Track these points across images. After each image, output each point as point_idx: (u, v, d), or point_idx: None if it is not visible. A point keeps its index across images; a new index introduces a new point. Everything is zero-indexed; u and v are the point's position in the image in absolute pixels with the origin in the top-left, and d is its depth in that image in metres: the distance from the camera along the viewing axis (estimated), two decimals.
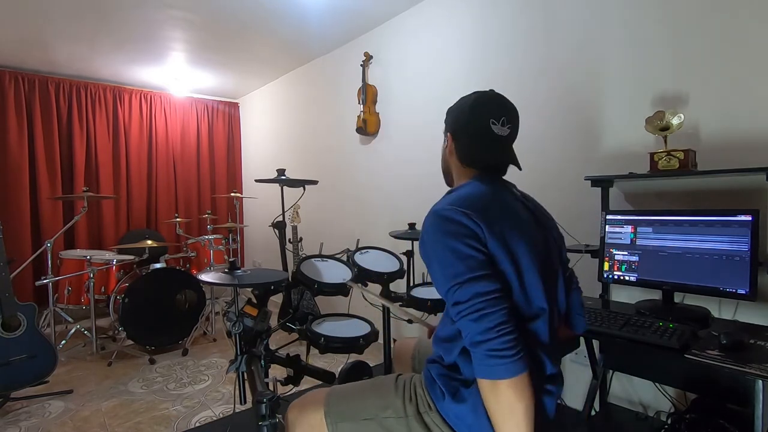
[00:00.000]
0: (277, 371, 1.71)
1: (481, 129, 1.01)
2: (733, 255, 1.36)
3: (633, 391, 1.86)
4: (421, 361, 1.29)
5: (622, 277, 1.62)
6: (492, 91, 1.07)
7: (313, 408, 1.03)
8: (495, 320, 0.81)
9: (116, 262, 3.26)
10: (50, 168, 4.05)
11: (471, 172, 1.05)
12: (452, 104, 1.11)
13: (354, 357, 1.71)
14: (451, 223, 0.89)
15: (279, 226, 2.40)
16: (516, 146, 1.06)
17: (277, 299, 3.52)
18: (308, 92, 4.04)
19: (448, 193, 1.05)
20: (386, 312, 1.83)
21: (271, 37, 3.34)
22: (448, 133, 1.10)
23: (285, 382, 1.64)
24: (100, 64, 3.92)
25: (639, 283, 1.58)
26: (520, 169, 1.04)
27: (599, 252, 1.68)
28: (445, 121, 1.12)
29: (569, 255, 1.76)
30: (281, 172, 2.38)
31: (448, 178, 1.15)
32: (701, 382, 1.57)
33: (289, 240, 3.17)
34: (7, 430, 2.11)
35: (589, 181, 1.78)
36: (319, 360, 2.78)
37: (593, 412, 1.84)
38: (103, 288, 3.20)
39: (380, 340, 1.77)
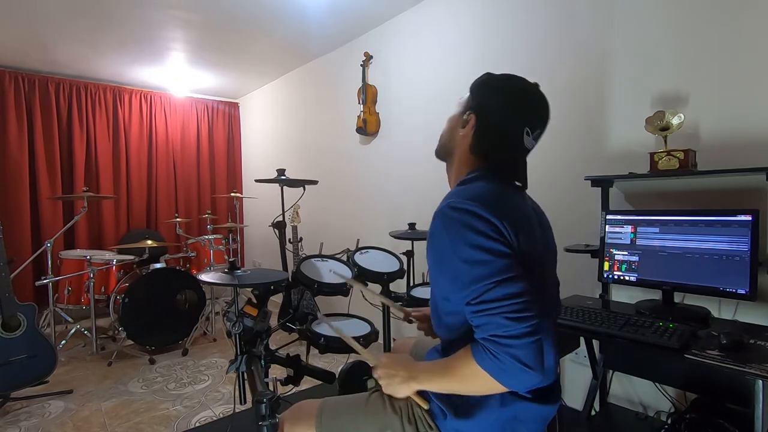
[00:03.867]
0: (277, 371, 1.70)
1: (512, 134, 0.90)
2: (733, 255, 1.36)
3: (633, 391, 1.86)
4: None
5: (622, 277, 1.62)
6: (538, 88, 0.93)
7: (305, 425, 0.98)
8: (531, 325, 0.73)
9: (116, 262, 3.26)
10: (50, 168, 4.05)
11: (477, 163, 0.94)
12: (490, 78, 0.95)
13: (354, 357, 1.71)
14: (477, 218, 0.80)
15: (279, 226, 2.40)
16: None
17: (277, 299, 3.52)
18: (308, 92, 4.04)
19: (459, 185, 0.94)
20: (386, 312, 1.83)
21: (271, 37, 3.34)
22: (472, 114, 0.94)
23: (285, 382, 1.64)
24: (100, 64, 3.92)
25: (639, 283, 1.58)
26: (525, 187, 0.96)
27: (599, 252, 1.68)
28: (472, 95, 0.96)
29: (569, 255, 1.77)
30: (281, 172, 2.38)
31: (445, 153, 1.02)
32: (701, 382, 1.57)
33: (289, 240, 3.17)
34: (7, 430, 2.11)
35: (589, 181, 1.78)
36: (319, 360, 2.77)
37: (593, 412, 1.84)
38: (103, 288, 3.19)
39: (380, 340, 1.77)
